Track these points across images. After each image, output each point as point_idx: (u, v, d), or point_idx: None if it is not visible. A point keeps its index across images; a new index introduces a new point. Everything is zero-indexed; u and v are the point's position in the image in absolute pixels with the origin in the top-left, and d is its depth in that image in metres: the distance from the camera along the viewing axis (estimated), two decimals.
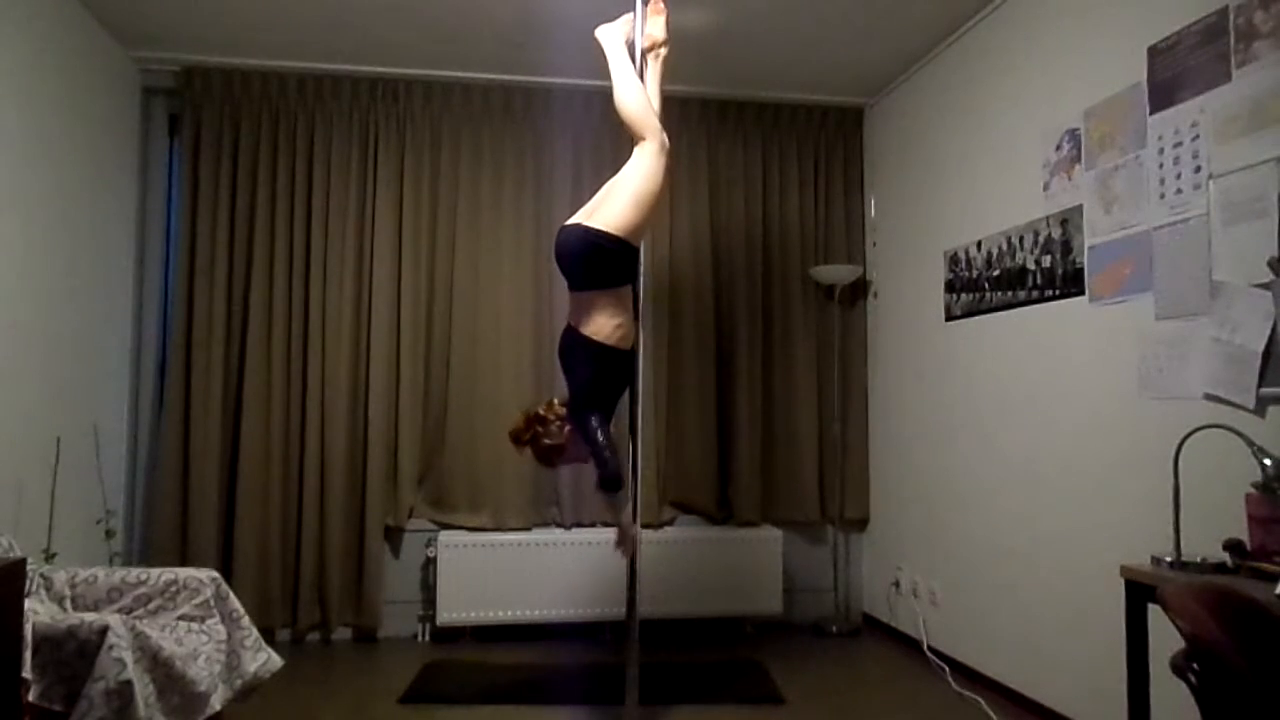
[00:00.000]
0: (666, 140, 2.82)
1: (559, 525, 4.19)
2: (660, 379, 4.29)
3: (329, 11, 3.60)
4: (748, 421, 4.35)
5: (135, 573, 2.71)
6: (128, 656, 2.17)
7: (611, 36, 2.90)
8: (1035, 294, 3.20)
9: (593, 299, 2.76)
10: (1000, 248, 3.42)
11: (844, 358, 4.55)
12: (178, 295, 4.03)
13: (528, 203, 4.28)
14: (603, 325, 2.75)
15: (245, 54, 4.03)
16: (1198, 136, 2.48)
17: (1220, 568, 2.05)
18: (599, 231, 2.70)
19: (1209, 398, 2.41)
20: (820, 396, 4.47)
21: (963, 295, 3.68)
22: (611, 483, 2.71)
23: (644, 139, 2.78)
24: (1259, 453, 1.97)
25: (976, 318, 3.58)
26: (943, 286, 3.84)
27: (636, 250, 2.80)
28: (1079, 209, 2.97)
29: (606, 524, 4.14)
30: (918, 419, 4.05)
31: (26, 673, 2.08)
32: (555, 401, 2.86)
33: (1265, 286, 2.24)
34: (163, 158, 4.20)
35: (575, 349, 2.79)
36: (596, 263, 2.72)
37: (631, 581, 2.74)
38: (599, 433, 2.71)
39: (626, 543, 2.81)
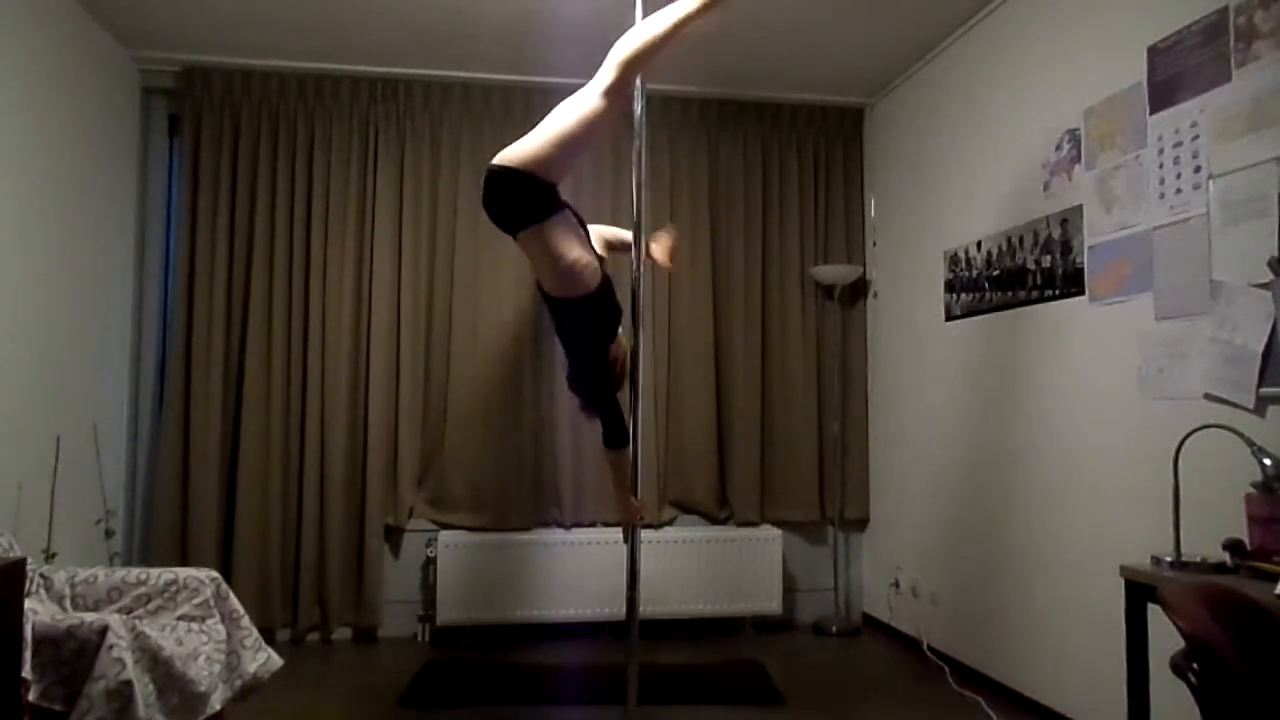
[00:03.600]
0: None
1: (559, 525, 4.19)
2: (660, 379, 4.29)
3: (329, 12, 3.60)
4: (747, 421, 4.35)
5: (135, 573, 2.71)
6: (127, 656, 2.17)
7: None
8: (1035, 294, 3.20)
9: (545, 239, 2.56)
10: (1000, 248, 3.42)
11: (844, 358, 4.55)
12: (178, 295, 4.03)
13: None
14: (577, 266, 2.59)
15: (245, 54, 4.04)
16: (1198, 136, 2.47)
17: (1220, 568, 2.05)
18: (510, 170, 2.51)
19: (1209, 398, 2.41)
20: (820, 396, 4.48)
21: (963, 295, 3.68)
22: (623, 436, 2.72)
23: (613, 81, 2.51)
24: (1259, 453, 1.97)
25: (976, 317, 3.58)
26: (943, 286, 3.84)
27: (550, 184, 2.57)
28: (1079, 209, 2.97)
29: (607, 524, 4.15)
30: (918, 419, 4.05)
31: (26, 673, 2.08)
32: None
33: (1265, 286, 2.24)
34: (163, 158, 4.20)
35: (580, 316, 2.70)
36: (518, 199, 2.53)
37: (632, 581, 2.73)
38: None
39: (633, 511, 2.77)
